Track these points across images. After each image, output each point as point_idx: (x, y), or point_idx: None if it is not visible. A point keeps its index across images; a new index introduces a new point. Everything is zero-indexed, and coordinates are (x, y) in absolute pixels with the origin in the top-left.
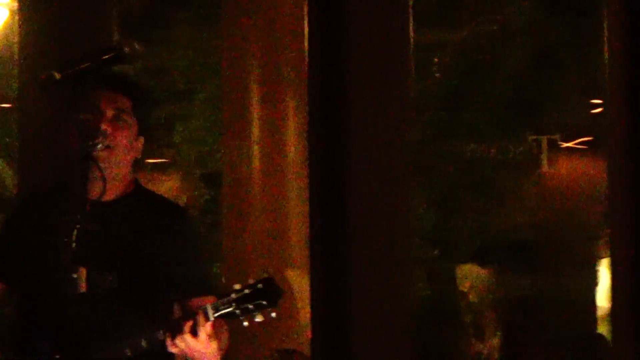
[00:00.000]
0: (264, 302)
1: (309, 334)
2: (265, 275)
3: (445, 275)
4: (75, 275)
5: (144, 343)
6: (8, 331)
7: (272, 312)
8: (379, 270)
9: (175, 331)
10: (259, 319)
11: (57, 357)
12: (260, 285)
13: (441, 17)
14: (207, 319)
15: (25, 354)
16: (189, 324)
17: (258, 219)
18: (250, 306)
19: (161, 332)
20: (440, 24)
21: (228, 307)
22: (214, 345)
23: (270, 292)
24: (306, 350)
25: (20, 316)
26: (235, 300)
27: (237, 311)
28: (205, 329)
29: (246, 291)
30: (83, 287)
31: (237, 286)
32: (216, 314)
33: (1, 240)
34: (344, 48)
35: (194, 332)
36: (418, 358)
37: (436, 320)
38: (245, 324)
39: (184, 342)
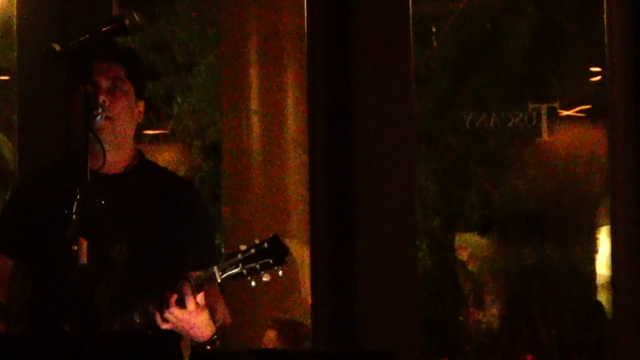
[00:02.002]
0: (270, 261)
1: (309, 304)
2: (271, 233)
3: (446, 245)
4: (75, 248)
5: (137, 317)
6: (17, 305)
7: (279, 270)
8: (383, 240)
9: (163, 306)
10: (266, 278)
11: (66, 329)
12: (266, 245)
13: None
14: (214, 281)
15: (35, 327)
16: (175, 296)
17: (258, 189)
18: (257, 266)
19: (152, 306)
20: None
21: (235, 268)
22: (204, 315)
23: (277, 251)
24: (307, 320)
25: (29, 289)
26: (241, 261)
27: (244, 271)
28: (191, 299)
29: (252, 251)
30: (84, 259)
31: (242, 247)
32: (223, 276)
33: (8, 215)
34: (344, 18)
35: (181, 304)
36: (420, 328)
37: (437, 290)
38: (253, 284)
39: (173, 315)
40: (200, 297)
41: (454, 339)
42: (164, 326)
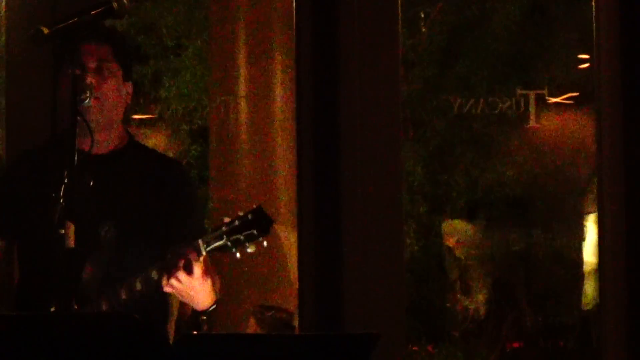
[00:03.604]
0: (255, 232)
1: (296, 290)
2: (255, 205)
3: (433, 231)
4: (62, 231)
5: (138, 285)
6: (6, 286)
7: (264, 241)
8: (370, 226)
9: (169, 270)
10: (251, 249)
11: (52, 309)
12: (250, 216)
13: None
14: (199, 254)
15: (22, 308)
16: (182, 261)
17: (245, 174)
18: (242, 237)
19: (155, 271)
20: None
21: (219, 240)
22: (209, 282)
23: (261, 222)
24: (292, 306)
25: (19, 272)
26: (225, 233)
27: (229, 243)
28: (198, 265)
29: (236, 222)
30: (71, 242)
31: (226, 219)
32: (208, 248)
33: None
34: (333, 3)
35: (188, 270)
36: (405, 313)
37: (423, 276)
38: (238, 255)
39: (178, 281)
40: (204, 263)
41: (440, 325)
42: (167, 289)
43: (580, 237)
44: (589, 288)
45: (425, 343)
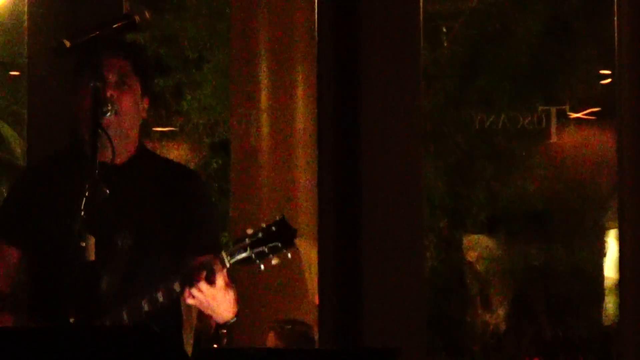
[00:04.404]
0: (279, 245)
1: (315, 302)
2: (278, 217)
3: (453, 245)
4: (83, 244)
5: (160, 296)
6: (22, 296)
7: (288, 252)
8: (390, 240)
9: (192, 281)
10: (275, 261)
11: (71, 320)
12: (274, 228)
13: None
14: (223, 266)
15: (39, 319)
16: (205, 272)
17: (266, 187)
18: (266, 249)
19: (177, 283)
20: None
21: (243, 252)
22: (231, 294)
23: (285, 233)
24: (312, 319)
25: (34, 281)
26: (249, 245)
27: (253, 255)
28: (221, 277)
29: (260, 235)
30: (92, 255)
31: (249, 230)
32: (232, 260)
33: (13, 205)
34: (355, 16)
35: (211, 281)
36: (425, 327)
37: (443, 289)
38: (262, 267)
39: (201, 292)
40: (226, 275)
41: (460, 339)
42: (190, 301)
43: (600, 252)
44: (610, 303)
45: (446, 357)
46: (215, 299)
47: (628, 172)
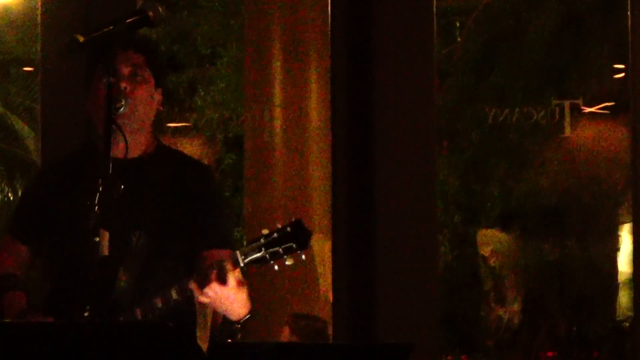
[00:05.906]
0: (294, 245)
1: (328, 298)
2: (291, 215)
3: (467, 241)
4: (97, 239)
5: (174, 294)
6: (36, 293)
7: (302, 254)
8: (404, 236)
9: (204, 280)
10: (289, 262)
11: (85, 315)
12: (289, 229)
13: None
14: (236, 265)
15: (54, 316)
16: (217, 271)
17: (280, 183)
18: (280, 250)
19: (191, 282)
20: None
21: (257, 252)
22: (243, 293)
23: (299, 235)
24: (326, 315)
25: (50, 280)
26: (264, 245)
27: (267, 256)
28: (233, 275)
29: (275, 235)
30: (105, 250)
31: (265, 231)
32: (246, 260)
33: (26, 203)
34: (368, 12)
35: (223, 280)
36: (439, 323)
37: (457, 285)
38: (276, 267)
39: (213, 291)
40: (239, 274)
41: (474, 335)
42: (202, 299)
43: (615, 247)
44: (624, 298)
45: (459, 353)
46: (228, 298)
47: None
